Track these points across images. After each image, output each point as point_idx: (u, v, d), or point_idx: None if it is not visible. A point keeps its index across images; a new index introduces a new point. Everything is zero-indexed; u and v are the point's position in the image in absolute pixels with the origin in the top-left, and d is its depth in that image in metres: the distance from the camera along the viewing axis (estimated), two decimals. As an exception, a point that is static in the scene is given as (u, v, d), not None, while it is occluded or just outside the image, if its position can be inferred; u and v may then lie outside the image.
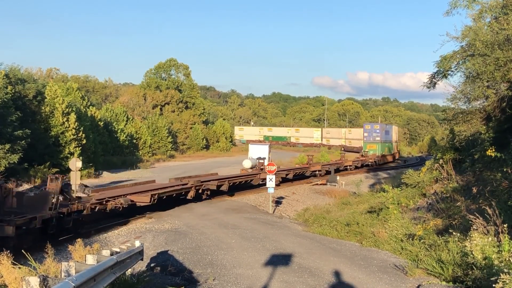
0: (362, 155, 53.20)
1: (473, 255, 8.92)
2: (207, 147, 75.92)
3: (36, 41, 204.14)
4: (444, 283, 9.17)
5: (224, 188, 24.52)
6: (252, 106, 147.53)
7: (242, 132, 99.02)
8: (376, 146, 55.43)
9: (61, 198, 14.64)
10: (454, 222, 12.32)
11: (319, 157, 54.56)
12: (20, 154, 25.71)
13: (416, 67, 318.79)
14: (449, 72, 18.11)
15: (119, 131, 51.60)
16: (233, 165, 40.25)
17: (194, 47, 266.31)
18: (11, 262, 6.84)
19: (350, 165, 44.71)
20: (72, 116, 34.50)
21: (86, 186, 24.41)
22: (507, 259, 8.22)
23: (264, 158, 32.57)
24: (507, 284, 6.74)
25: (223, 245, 13.21)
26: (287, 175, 32.10)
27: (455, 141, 19.22)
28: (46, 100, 33.29)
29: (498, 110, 15.80)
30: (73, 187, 21.27)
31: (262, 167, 30.73)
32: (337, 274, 10.24)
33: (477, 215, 9.96)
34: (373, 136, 56.25)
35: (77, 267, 5.99)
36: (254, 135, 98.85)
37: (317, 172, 37.15)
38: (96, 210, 16.50)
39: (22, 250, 9.06)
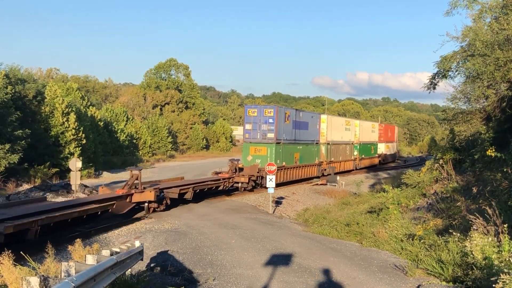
0: (231, 169, 27.13)
1: (473, 255, 8.92)
2: (207, 147, 75.95)
3: (36, 41, 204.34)
4: (444, 283, 9.16)
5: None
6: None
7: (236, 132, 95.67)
8: (266, 151, 28.92)
9: None
10: (454, 222, 12.32)
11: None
12: (20, 154, 25.71)
13: (416, 67, 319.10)
14: (449, 72, 18.14)
15: (119, 131, 51.61)
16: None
17: (194, 47, 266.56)
18: (12, 262, 6.84)
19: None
20: (72, 116, 34.51)
21: (86, 186, 24.53)
22: (507, 259, 8.22)
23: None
24: (507, 284, 6.73)
25: (223, 245, 13.21)
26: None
27: (455, 141, 19.23)
28: (46, 100, 33.29)
29: (498, 110, 15.80)
30: (73, 187, 21.34)
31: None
32: (337, 274, 10.24)
33: (477, 215, 9.97)
34: (261, 131, 29.27)
35: (77, 267, 5.99)
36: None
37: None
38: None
39: (21, 252, 9.08)
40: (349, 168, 45.15)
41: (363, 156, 49.31)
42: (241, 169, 27.70)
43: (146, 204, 19.52)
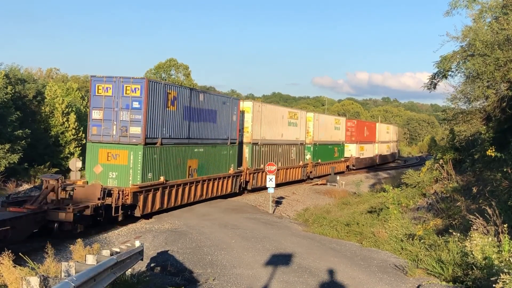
0: (43, 194, 14.74)
1: (473, 255, 8.92)
2: (207, 147, 75.82)
3: (36, 41, 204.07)
4: (444, 283, 9.17)
5: None
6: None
7: None
8: (128, 157, 16.93)
9: None
10: (454, 222, 12.33)
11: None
12: (20, 154, 25.75)
13: (416, 67, 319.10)
14: (449, 72, 18.17)
15: (119, 131, 51.61)
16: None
17: (194, 47, 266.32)
18: (12, 262, 6.85)
19: None
20: (72, 116, 34.54)
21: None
22: (507, 259, 8.22)
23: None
24: (507, 284, 6.74)
25: (223, 245, 13.21)
26: None
27: (455, 141, 19.26)
28: (46, 100, 33.33)
29: (498, 110, 15.81)
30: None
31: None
32: (337, 274, 10.24)
33: (477, 215, 9.98)
34: (120, 123, 17.10)
35: (77, 267, 6.00)
36: None
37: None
38: None
39: (20, 253, 9.07)
40: (295, 177, 33.53)
41: (319, 161, 38.40)
42: (71, 193, 16.03)
43: None
